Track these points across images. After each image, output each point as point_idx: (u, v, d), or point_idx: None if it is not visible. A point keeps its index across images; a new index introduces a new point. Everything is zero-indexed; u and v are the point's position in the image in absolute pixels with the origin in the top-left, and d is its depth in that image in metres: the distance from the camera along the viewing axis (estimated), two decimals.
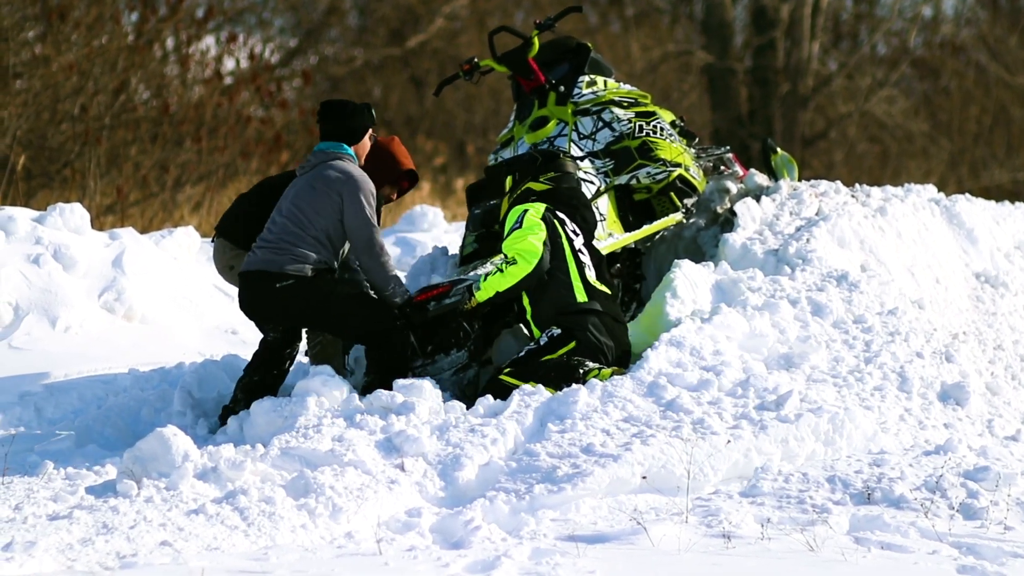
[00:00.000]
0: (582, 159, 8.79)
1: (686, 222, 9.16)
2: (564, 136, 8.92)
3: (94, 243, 10.25)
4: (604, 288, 7.81)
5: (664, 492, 6.54)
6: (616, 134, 8.93)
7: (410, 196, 18.81)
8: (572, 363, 7.53)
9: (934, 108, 25.91)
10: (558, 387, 7.35)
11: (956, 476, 6.74)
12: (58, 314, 9.58)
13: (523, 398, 7.14)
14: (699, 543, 5.92)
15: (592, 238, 8.04)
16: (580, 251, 7.81)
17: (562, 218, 7.85)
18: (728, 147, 9.82)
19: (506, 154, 9.04)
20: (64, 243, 9.98)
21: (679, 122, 9.29)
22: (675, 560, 5.69)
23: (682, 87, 25.21)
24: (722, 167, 9.74)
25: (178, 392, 8.07)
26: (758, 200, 9.38)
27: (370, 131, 7.87)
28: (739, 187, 9.70)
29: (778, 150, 10.06)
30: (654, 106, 9.18)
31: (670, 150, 8.94)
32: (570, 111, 8.99)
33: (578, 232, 7.87)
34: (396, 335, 7.58)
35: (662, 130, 9.00)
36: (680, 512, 6.30)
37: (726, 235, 9.01)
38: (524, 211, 7.79)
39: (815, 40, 23.34)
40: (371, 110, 7.87)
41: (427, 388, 7.28)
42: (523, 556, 5.66)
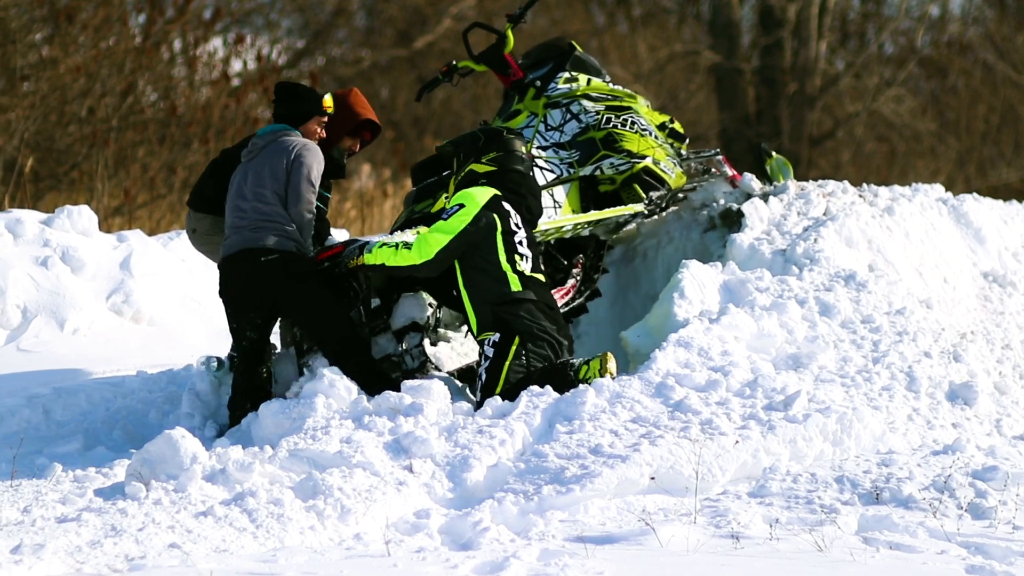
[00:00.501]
0: (545, 149, 8.77)
1: (646, 213, 9.13)
2: (531, 127, 8.92)
3: (102, 245, 10.26)
4: (539, 276, 7.71)
5: (672, 493, 6.54)
6: (582, 125, 8.93)
7: None
8: (557, 366, 7.51)
9: (942, 107, 25.88)
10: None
11: (964, 476, 6.73)
12: (66, 316, 9.59)
13: (531, 399, 7.14)
14: (708, 544, 5.92)
15: (535, 227, 7.95)
16: (519, 243, 7.68)
17: (507, 211, 7.71)
18: (717, 150, 9.83)
19: None
20: (72, 245, 9.99)
21: (669, 124, 9.28)
22: (684, 561, 5.69)
23: (689, 87, 25.20)
24: (712, 169, 9.75)
25: (186, 394, 8.07)
26: (765, 201, 9.38)
27: (316, 118, 7.87)
28: (729, 193, 9.66)
29: (772, 154, 10.05)
30: (644, 107, 9.16)
31: (638, 143, 8.93)
32: (542, 104, 9.00)
33: (520, 226, 7.73)
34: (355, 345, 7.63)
35: (633, 124, 8.98)
36: (689, 513, 6.29)
37: (734, 235, 9.01)
38: (462, 203, 7.65)
39: (822, 40, 23.32)
40: (321, 100, 7.85)
41: (435, 389, 7.28)
42: (532, 557, 5.66)
